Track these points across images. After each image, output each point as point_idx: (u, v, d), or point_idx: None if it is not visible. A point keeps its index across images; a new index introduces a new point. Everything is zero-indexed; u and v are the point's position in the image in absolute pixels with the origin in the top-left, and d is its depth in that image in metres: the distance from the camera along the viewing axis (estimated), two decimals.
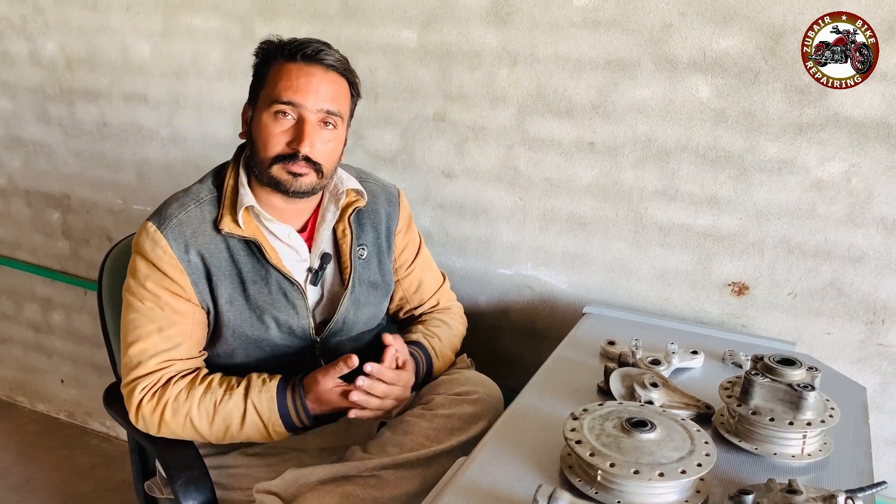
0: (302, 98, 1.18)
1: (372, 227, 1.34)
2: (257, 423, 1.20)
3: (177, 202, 1.24)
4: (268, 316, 1.24)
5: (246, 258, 1.23)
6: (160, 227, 1.20)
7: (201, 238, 1.21)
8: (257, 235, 1.22)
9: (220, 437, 1.22)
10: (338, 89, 1.22)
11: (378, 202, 1.36)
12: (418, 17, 1.61)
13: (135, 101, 2.05)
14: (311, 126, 1.18)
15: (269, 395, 1.21)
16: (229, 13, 1.82)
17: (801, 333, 1.44)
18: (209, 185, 1.27)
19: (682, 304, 1.53)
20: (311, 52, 1.19)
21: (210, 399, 1.20)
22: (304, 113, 1.18)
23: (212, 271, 1.21)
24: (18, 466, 2.34)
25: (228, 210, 1.22)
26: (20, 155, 2.32)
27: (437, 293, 1.48)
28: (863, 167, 1.32)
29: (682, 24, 1.38)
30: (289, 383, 1.23)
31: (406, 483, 1.11)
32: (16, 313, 2.59)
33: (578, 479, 0.89)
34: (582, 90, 1.49)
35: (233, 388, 1.22)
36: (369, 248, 1.34)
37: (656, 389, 1.09)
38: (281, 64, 1.20)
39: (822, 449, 0.99)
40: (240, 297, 1.23)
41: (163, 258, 1.19)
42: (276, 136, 1.19)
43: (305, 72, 1.19)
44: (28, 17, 2.12)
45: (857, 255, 1.36)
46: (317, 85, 1.19)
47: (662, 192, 1.48)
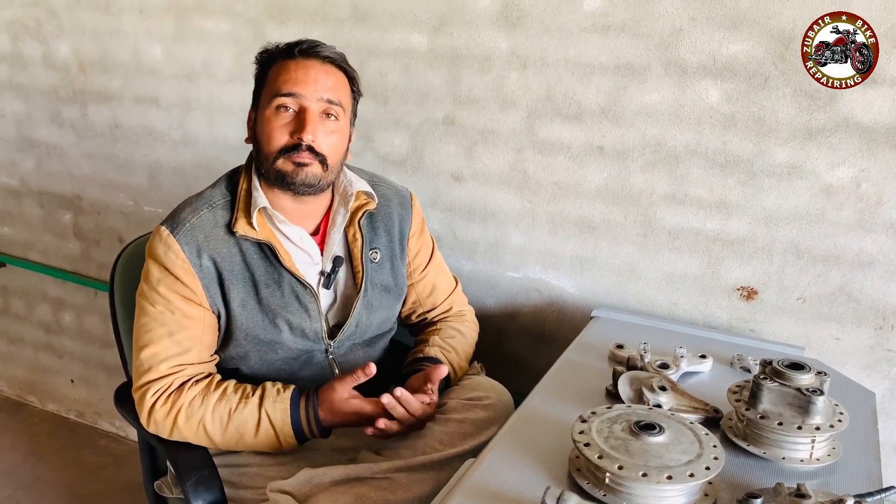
0: (301, 88, 1.20)
1: (385, 231, 1.35)
2: (269, 433, 1.21)
3: (189, 207, 1.25)
4: (280, 319, 1.25)
5: (259, 262, 1.24)
6: (173, 232, 1.21)
7: (214, 242, 1.22)
8: (271, 238, 1.23)
9: (231, 444, 1.23)
10: (337, 80, 1.24)
11: (391, 206, 1.37)
12: (429, 21, 1.62)
13: (146, 104, 2.07)
14: (312, 115, 1.20)
15: (283, 405, 1.22)
16: (241, 17, 1.84)
17: (810, 338, 1.44)
18: (222, 189, 1.28)
19: (691, 308, 1.53)
20: (306, 47, 1.23)
21: (225, 406, 1.21)
22: (305, 103, 1.20)
23: (224, 276, 1.22)
24: (28, 466, 2.36)
25: (243, 213, 1.23)
26: (33, 156, 2.34)
27: (451, 297, 1.48)
28: (873, 172, 1.32)
29: (692, 28, 1.38)
30: (303, 393, 1.24)
31: (418, 486, 1.12)
32: (27, 313, 2.61)
33: (587, 482, 0.90)
34: (591, 94, 1.50)
35: (248, 396, 1.23)
36: (382, 251, 1.34)
37: (665, 393, 1.09)
38: (279, 63, 1.23)
39: (830, 454, 0.99)
40: (252, 301, 1.24)
41: (175, 262, 1.20)
42: (278, 129, 1.20)
43: (303, 65, 1.22)
44: (42, 19, 2.14)
45: (866, 260, 1.36)
46: (315, 75, 1.21)
47: (671, 197, 1.48)
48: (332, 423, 1.23)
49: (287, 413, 1.21)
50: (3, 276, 2.61)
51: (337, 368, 1.33)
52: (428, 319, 1.47)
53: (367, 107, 1.74)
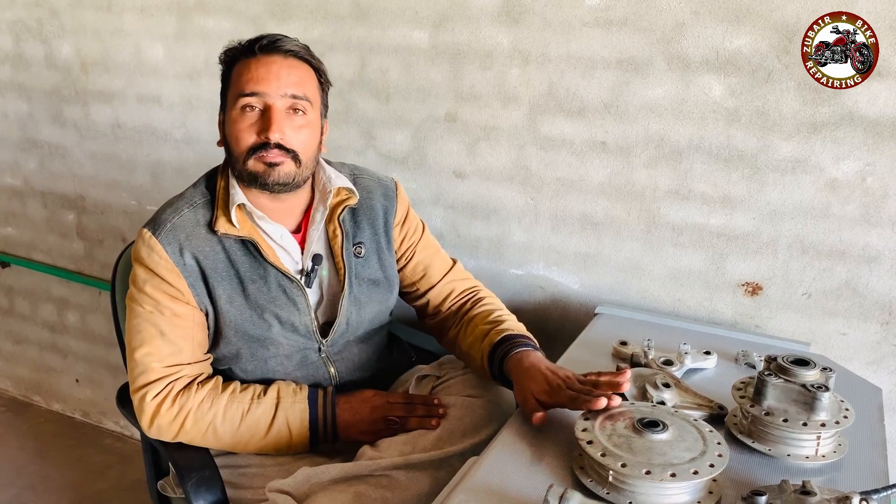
0: (264, 86, 1.18)
1: (369, 224, 1.33)
2: (283, 432, 1.22)
3: (171, 207, 1.25)
4: (268, 314, 1.24)
5: (243, 258, 1.23)
6: (155, 233, 1.21)
7: (196, 240, 1.22)
8: (253, 234, 1.23)
9: (239, 446, 1.23)
10: (301, 73, 1.22)
11: (373, 197, 1.35)
12: (430, 18, 1.61)
13: (149, 103, 2.07)
14: (278, 112, 1.18)
15: (301, 405, 1.23)
16: (242, 15, 1.83)
17: (816, 334, 1.43)
18: (202, 188, 1.28)
19: (695, 304, 1.52)
20: (266, 43, 1.20)
21: (237, 408, 1.22)
22: (269, 100, 1.18)
23: (207, 273, 1.22)
24: (34, 465, 2.37)
25: (222, 211, 1.22)
26: (36, 156, 2.34)
27: (448, 276, 1.41)
28: (878, 166, 1.31)
29: (695, 22, 1.37)
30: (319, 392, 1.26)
31: (417, 484, 1.11)
32: (31, 313, 2.62)
33: (590, 480, 0.89)
34: (594, 90, 1.49)
35: (259, 396, 1.24)
36: (367, 245, 1.33)
37: (668, 390, 1.09)
38: (241, 62, 1.21)
39: (836, 450, 0.98)
40: (239, 297, 1.23)
41: (159, 263, 1.20)
42: (245, 129, 1.19)
43: (265, 61, 1.19)
44: (44, 20, 2.14)
45: (872, 254, 1.35)
46: (277, 71, 1.19)
47: (675, 192, 1.47)
48: (350, 423, 1.24)
49: (306, 413, 1.23)
50: (7, 277, 2.61)
51: (332, 367, 1.33)
52: (443, 312, 1.40)
53: (368, 104, 1.74)
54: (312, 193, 1.31)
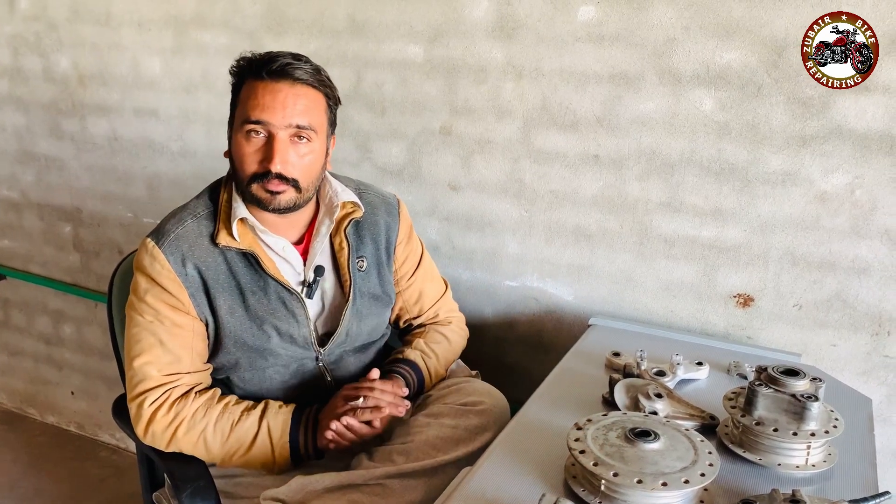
0: (269, 116, 1.17)
1: (371, 239, 1.35)
2: (266, 444, 1.22)
3: (174, 218, 1.26)
4: (268, 325, 1.25)
5: (244, 270, 1.24)
6: (158, 243, 1.22)
7: (198, 251, 1.23)
8: (254, 247, 1.24)
9: (228, 458, 1.23)
10: (308, 102, 1.20)
11: (377, 213, 1.37)
12: (425, 33, 1.63)
13: (145, 116, 2.08)
14: (281, 143, 1.18)
15: (284, 417, 1.24)
16: (238, 29, 1.85)
17: (807, 345, 1.44)
18: (205, 200, 1.29)
19: (688, 315, 1.53)
20: (276, 68, 1.17)
21: (227, 419, 1.23)
22: (273, 130, 1.18)
23: (209, 284, 1.23)
24: (29, 478, 2.36)
25: (224, 223, 1.23)
26: (33, 169, 2.35)
27: (438, 304, 1.48)
28: (866, 179, 1.33)
29: (686, 38, 1.39)
30: (304, 413, 1.27)
31: (411, 492, 1.12)
32: (27, 326, 2.62)
33: (582, 489, 0.90)
34: (586, 104, 1.51)
35: (250, 409, 1.25)
36: (369, 259, 1.34)
37: (661, 400, 1.10)
38: (250, 82, 1.20)
39: (826, 460, 1.00)
40: (240, 308, 1.25)
41: (161, 272, 1.21)
42: (249, 155, 1.19)
43: (272, 89, 1.17)
44: (42, 33, 2.16)
45: (861, 266, 1.37)
46: (283, 100, 1.17)
47: (667, 205, 1.49)
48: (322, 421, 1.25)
49: (287, 424, 1.23)
50: (3, 289, 2.61)
51: (329, 376, 1.34)
52: (414, 325, 1.48)
53: (364, 117, 1.75)
54: (317, 206, 1.32)
